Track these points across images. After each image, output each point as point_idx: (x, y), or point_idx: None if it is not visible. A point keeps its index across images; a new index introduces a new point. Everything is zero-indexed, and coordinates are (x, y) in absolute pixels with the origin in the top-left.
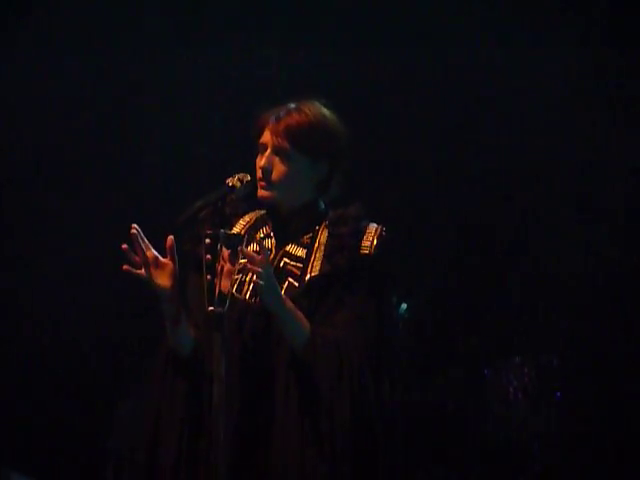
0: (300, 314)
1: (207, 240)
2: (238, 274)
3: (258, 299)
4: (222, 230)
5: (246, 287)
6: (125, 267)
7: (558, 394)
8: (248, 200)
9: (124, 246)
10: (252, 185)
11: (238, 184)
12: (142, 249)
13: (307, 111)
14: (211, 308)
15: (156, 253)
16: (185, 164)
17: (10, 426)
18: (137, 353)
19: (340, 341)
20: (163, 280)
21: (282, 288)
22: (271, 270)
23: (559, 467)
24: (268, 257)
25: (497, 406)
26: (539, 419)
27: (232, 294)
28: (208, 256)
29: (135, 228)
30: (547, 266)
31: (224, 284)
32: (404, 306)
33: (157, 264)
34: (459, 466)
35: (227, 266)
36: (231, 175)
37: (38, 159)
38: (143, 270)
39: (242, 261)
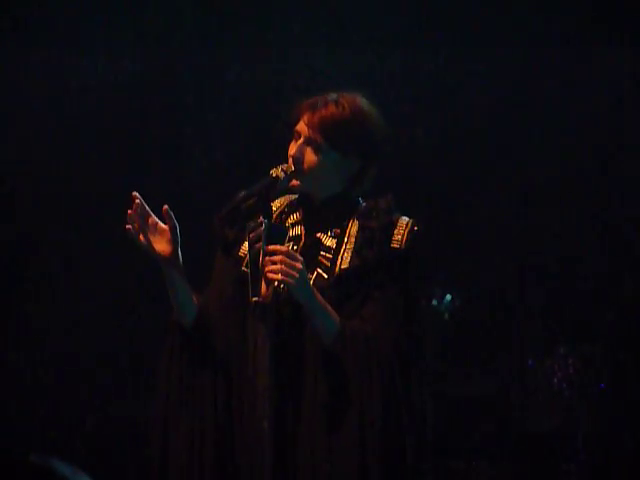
0: (330, 307)
1: (251, 231)
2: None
3: (285, 290)
4: (266, 221)
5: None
6: (128, 227)
7: (602, 385)
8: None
9: (130, 211)
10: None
11: (282, 175)
12: (144, 216)
13: (345, 104)
14: (255, 299)
15: (156, 219)
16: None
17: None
18: None
19: (370, 336)
20: (162, 246)
21: (310, 278)
22: (304, 266)
23: (603, 457)
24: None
25: (541, 396)
26: (583, 409)
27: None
28: (255, 244)
29: (137, 196)
30: (588, 259)
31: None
32: (448, 297)
33: (156, 230)
34: (503, 457)
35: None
36: (274, 166)
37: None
38: (142, 237)
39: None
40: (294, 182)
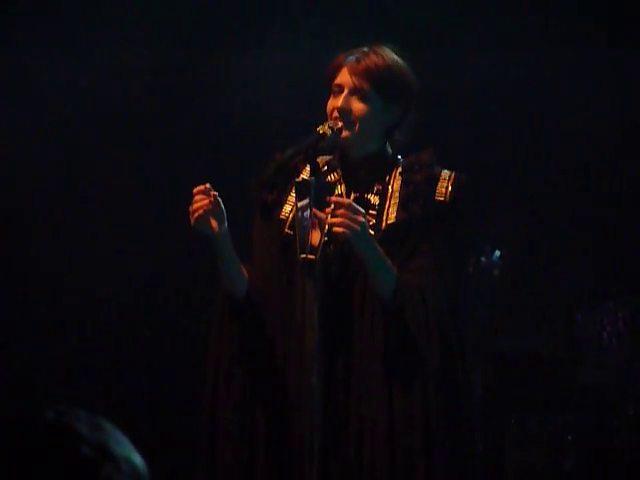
0: (389, 261)
1: (298, 187)
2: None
3: (333, 246)
4: (313, 178)
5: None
6: (202, 211)
7: None
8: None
9: (202, 196)
10: (340, 132)
11: (329, 131)
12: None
13: (382, 54)
14: (303, 256)
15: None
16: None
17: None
18: None
19: (424, 288)
20: (211, 223)
21: None
22: (365, 219)
23: None
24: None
25: (590, 351)
26: (633, 364)
27: (324, 242)
28: (301, 202)
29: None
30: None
31: (315, 232)
32: (497, 253)
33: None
34: (553, 412)
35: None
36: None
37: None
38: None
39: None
40: (345, 133)
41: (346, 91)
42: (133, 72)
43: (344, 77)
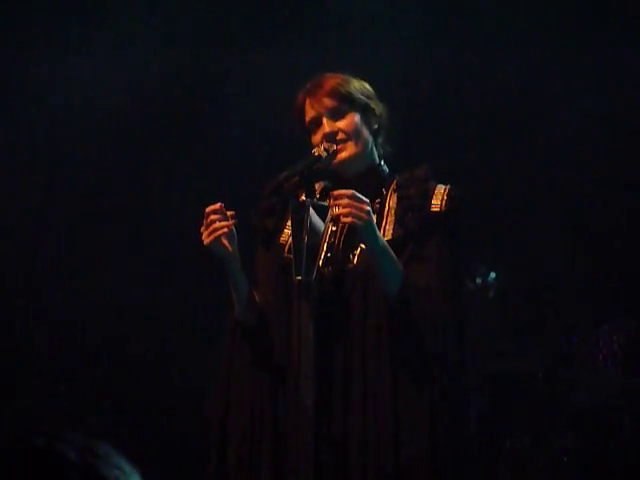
0: (395, 256)
1: (294, 210)
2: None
3: (330, 268)
4: (309, 199)
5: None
6: (221, 231)
7: None
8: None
9: (216, 216)
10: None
11: (324, 153)
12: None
13: (331, 74)
14: (299, 277)
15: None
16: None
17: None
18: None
19: (429, 290)
20: (224, 242)
21: (355, 255)
22: (370, 208)
23: None
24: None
25: (586, 374)
26: (629, 386)
27: (318, 263)
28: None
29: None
30: (633, 234)
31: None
32: (493, 275)
33: None
34: (549, 434)
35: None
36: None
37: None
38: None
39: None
40: (346, 152)
41: (324, 118)
42: (138, 75)
43: (313, 109)
